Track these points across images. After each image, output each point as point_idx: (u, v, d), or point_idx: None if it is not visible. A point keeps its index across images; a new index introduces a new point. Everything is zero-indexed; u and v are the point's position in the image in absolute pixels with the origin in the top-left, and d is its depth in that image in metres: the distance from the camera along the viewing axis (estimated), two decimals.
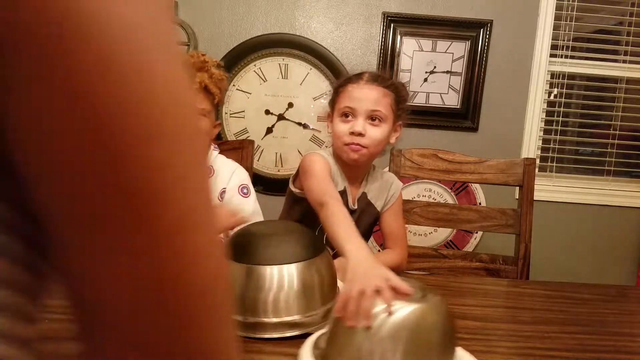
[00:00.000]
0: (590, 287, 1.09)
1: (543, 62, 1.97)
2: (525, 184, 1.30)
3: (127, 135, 0.16)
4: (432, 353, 0.57)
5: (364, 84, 1.02)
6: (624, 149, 2.06)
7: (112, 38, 0.15)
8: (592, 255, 2.08)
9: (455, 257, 1.33)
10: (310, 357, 0.61)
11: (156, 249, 0.17)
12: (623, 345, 0.77)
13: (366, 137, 1.01)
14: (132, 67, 0.15)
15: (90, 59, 0.15)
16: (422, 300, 0.58)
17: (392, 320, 0.56)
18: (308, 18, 1.98)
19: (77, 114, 0.15)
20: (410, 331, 0.56)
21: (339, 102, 1.04)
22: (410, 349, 0.55)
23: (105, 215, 0.16)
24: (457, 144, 1.98)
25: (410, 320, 0.56)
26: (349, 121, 1.02)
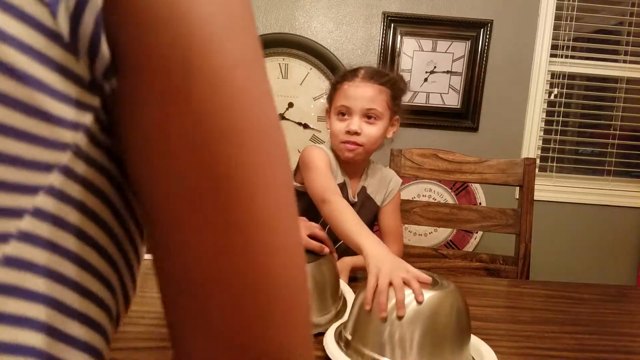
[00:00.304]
0: (590, 287, 1.09)
1: (543, 62, 1.97)
2: (526, 184, 1.30)
3: (228, 143, 0.20)
4: (449, 338, 0.60)
5: (359, 82, 1.02)
6: (624, 149, 2.06)
7: (224, 73, 0.20)
8: (592, 255, 2.08)
9: (455, 257, 1.33)
10: (334, 343, 0.64)
11: (247, 240, 0.20)
12: (623, 345, 0.77)
13: (362, 136, 1.01)
14: (237, 93, 0.20)
15: (205, 86, 0.19)
16: (439, 288, 0.62)
17: (411, 306, 0.60)
18: (308, 18, 1.98)
19: (192, 125, 0.19)
20: (428, 317, 0.59)
21: (336, 100, 1.05)
22: (428, 334, 0.59)
23: (207, 199, 0.20)
24: (457, 144, 1.98)
25: (428, 307, 0.60)
26: (345, 119, 1.03)
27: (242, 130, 0.20)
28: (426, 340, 0.58)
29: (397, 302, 0.60)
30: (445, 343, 0.60)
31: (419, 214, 1.34)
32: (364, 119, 1.02)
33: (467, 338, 0.63)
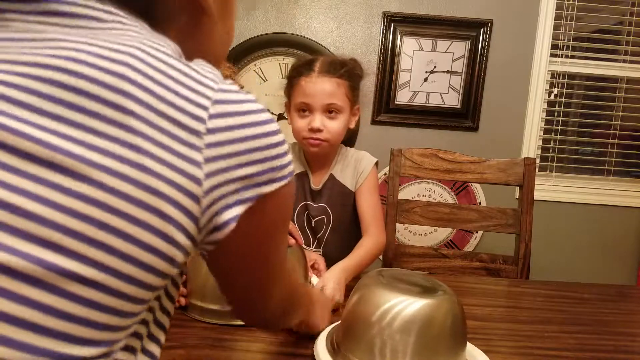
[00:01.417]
0: (590, 287, 1.09)
1: (543, 62, 1.97)
2: (526, 184, 1.30)
3: (263, 276, 0.40)
4: (443, 347, 0.58)
5: (316, 77, 1.00)
6: (624, 149, 2.06)
7: (279, 261, 0.42)
8: (592, 255, 2.08)
9: (455, 256, 1.33)
10: (325, 350, 0.63)
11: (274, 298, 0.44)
12: (623, 345, 0.77)
13: (325, 131, 1.01)
14: (277, 263, 0.41)
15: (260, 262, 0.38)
16: (433, 296, 0.59)
17: (404, 314, 0.57)
18: (308, 18, 1.98)
19: (253, 270, 0.39)
20: (420, 325, 0.57)
21: (294, 96, 1.03)
22: (421, 343, 0.56)
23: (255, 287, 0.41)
24: (457, 144, 1.98)
25: (421, 315, 0.57)
26: (306, 116, 1.02)
27: (274, 265, 0.41)
28: (419, 348, 0.56)
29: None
30: (440, 351, 0.58)
31: (419, 214, 1.34)
32: (325, 114, 1.01)
33: (462, 346, 0.61)
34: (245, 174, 0.29)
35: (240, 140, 0.28)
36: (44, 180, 0.23)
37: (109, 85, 0.25)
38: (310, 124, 1.01)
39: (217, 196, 0.28)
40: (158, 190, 0.25)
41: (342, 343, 0.61)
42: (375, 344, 0.57)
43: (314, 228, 1.11)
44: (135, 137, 0.25)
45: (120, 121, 0.25)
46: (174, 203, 0.26)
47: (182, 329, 0.69)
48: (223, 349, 0.64)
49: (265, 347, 0.66)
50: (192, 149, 0.26)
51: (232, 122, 0.28)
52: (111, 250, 0.24)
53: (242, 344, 0.66)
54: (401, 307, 0.57)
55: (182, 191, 0.26)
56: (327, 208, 1.10)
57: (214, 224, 0.29)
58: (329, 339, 0.65)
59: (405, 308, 0.57)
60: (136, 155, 0.25)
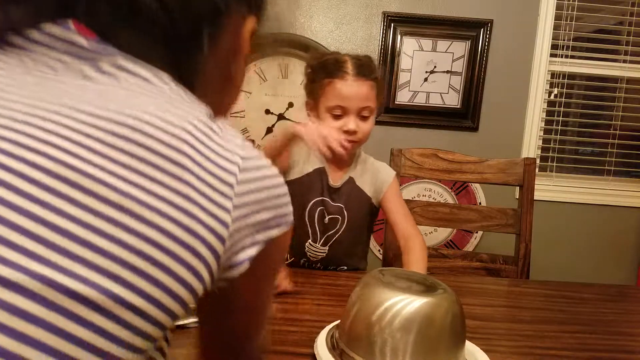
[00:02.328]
0: (590, 287, 1.09)
1: (543, 62, 1.97)
2: (526, 184, 1.30)
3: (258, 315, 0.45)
4: (442, 345, 0.59)
5: (352, 80, 1.00)
6: (624, 148, 2.06)
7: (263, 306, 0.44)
8: (592, 255, 2.08)
9: (455, 256, 1.33)
10: (325, 348, 0.63)
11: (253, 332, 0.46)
12: (623, 345, 0.77)
13: (358, 133, 1.02)
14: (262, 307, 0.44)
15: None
16: (433, 294, 0.60)
17: (404, 312, 0.57)
18: (308, 17, 1.98)
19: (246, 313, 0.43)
20: (420, 324, 0.57)
21: (327, 99, 1.02)
22: (420, 341, 0.57)
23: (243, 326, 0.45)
24: (457, 144, 1.98)
25: (421, 313, 0.58)
26: (339, 118, 1.01)
27: (265, 308, 0.44)
28: (419, 346, 0.57)
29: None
30: (440, 349, 0.59)
31: (419, 214, 1.34)
32: (358, 116, 1.02)
33: (462, 344, 0.62)
34: (260, 220, 0.35)
35: (258, 191, 0.35)
36: (115, 221, 0.27)
37: (170, 145, 0.30)
38: (346, 126, 1.01)
39: (237, 238, 0.33)
40: (197, 233, 0.30)
41: (342, 341, 0.62)
42: (375, 342, 0.57)
43: (326, 225, 1.09)
44: (187, 188, 0.30)
45: (178, 175, 0.30)
46: (207, 244, 0.31)
47: (181, 329, 0.69)
48: None
49: None
50: (225, 198, 0.32)
51: (253, 178, 0.34)
52: (156, 282, 0.28)
53: None
54: (401, 306, 0.58)
55: (213, 233, 0.31)
56: (344, 209, 1.09)
57: (231, 263, 0.34)
58: (329, 337, 0.66)
59: (406, 306, 0.58)
60: (187, 203, 0.30)
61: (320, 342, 0.64)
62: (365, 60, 1.04)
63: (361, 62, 1.03)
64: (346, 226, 1.09)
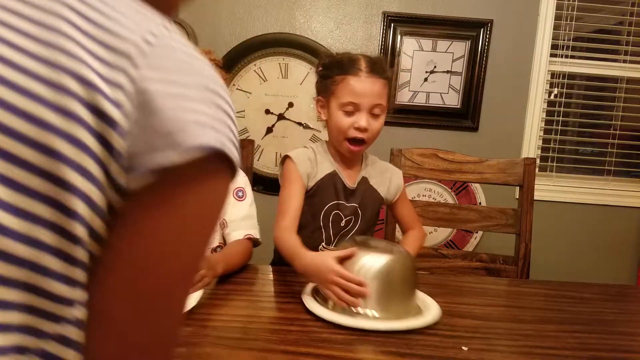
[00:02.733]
0: (590, 287, 1.09)
1: (543, 62, 1.97)
2: (526, 184, 1.31)
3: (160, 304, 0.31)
4: (399, 290, 0.82)
5: (365, 77, 1.00)
6: (624, 148, 2.06)
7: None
8: (592, 255, 2.08)
9: (455, 256, 1.33)
10: (311, 297, 0.83)
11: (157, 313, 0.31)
12: (623, 344, 0.77)
13: (369, 131, 1.02)
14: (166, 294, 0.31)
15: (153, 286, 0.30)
16: (394, 253, 0.83)
17: (375, 265, 0.80)
18: (308, 18, 1.98)
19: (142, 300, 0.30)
20: (384, 275, 0.79)
21: (339, 95, 1.02)
22: (384, 287, 0.79)
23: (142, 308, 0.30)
24: (457, 144, 1.98)
25: (385, 267, 0.80)
26: (351, 114, 1.02)
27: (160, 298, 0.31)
28: (383, 292, 0.79)
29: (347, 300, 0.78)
30: (397, 294, 0.81)
31: (419, 214, 1.34)
32: (369, 114, 1.02)
33: (414, 291, 0.85)
34: (176, 112, 0.28)
35: (178, 72, 0.29)
36: None
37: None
38: (358, 123, 1.01)
39: (140, 123, 0.27)
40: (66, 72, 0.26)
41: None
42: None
43: (342, 227, 1.10)
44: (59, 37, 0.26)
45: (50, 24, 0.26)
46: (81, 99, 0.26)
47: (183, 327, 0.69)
48: (224, 347, 0.65)
49: (266, 345, 0.66)
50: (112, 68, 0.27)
51: (170, 56, 0.29)
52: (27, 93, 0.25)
53: (243, 343, 0.67)
54: (372, 261, 0.80)
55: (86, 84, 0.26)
56: (358, 209, 1.10)
57: (131, 162, 0.27)
58: (313, 290, 0.86)
59: (375, 261, 0.80)
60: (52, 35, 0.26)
61: (307, 293, 0.84)
62: (378, 59, 1.05)
63: (374, 60, 1.04)
64: (359, 225, 1.11)
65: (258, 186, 1.99)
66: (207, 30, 1.97)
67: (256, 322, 0.75)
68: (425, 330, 0.75)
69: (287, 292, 0.88)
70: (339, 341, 0.69)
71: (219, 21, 1.97)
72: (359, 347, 0.68)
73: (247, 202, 1.15)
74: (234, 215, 1.11)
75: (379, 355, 0.65)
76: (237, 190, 1.15)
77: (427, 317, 0.78)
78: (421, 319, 0.77)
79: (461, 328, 0.78)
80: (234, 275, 0.97)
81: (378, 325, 0.74)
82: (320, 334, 0.71)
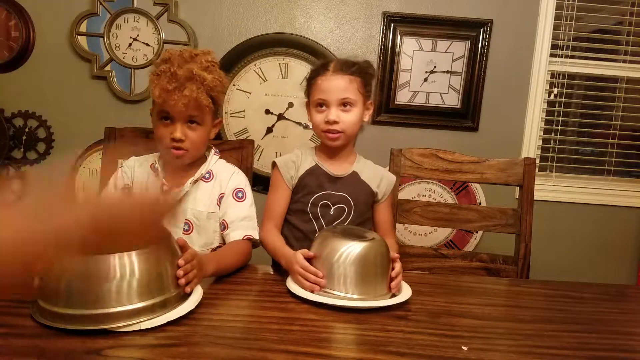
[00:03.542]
0: (590, 287, 1.09)
1: (543, 62, 1.97)
2: (525, 184, 1.31)
3: None
4: (373, 273, 0.88)
5: (330, 75, 1.11)
6: (624, 148, 2.06)
7: None
8: (592, 255, 2.08)
9: (455, 256, 1.33)
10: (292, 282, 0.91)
11: None
12: (622, 344, 0.77)
13: (340, 123, 1.10)
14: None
15: None
16: (368, 240, 0.89)
17: (352, 253, 0.87)
18: (308, 18, 1.98)
19: None
20: (360, 259, 0.87)
21: (312, 94, 1.14)
22: (360, 271, 0.86)
23: None
24: (457, 143, 1.98)
25: (361, 253, 0.87)
26: (323, 111, 1.12)
27: None
28: (359, 275, 0.86)
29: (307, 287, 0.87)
30: (371, 277, 0.88)
31: (419, 214, 1.34)
32: (340, 108, 1.11)
33: (387, 274, 0.90)
34: None
35: None
36: None
37: None
38: (327, 117, 1.10)
39: None
40: None
41: None
42: (334, 273, 0.87)
43: (332, 216, 1.14)
44: None
45: None
46: None
47: (183, 327, 0.69)
48: (224, 347, 0.65)
49: (266, 345, 0.66)
50: None
51: None
52: None
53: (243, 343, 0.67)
54: (350, 248, 0.87)
55: None
56: (349, 198, 1.15)
57: None
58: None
59: (353, 249, 0.87)
60: None
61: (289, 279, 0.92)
62: (346, 59, 1.14)
63: (343, 60, 1.14)
64: (353, 215, 1.15)
65: (258, 186, 1.99)
66: (207, 30, 1.97)
67: (256, 322, 0.75)
68: (425, 330, 0.76)
69: (287, 292, 0.88)
70: (339, 341, 0.70)
71: (219, 21, 1.97)
72: (358, 347, 0.68)
73: (247, 203, 1.14)
74: (233, 216, 1.11)
75: (379, 355, 0.65)
76: (237, 191, 1.14)
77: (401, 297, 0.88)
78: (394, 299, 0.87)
79: (461, 328, 0.78)
80: (234, 275, 0.97)
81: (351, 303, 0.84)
82: (320, 334, 0.71)
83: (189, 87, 1.01)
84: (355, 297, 0.85)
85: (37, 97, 1.99)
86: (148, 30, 1.93)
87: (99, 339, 0.63)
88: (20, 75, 1.98)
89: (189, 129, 1.07)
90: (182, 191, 1.12)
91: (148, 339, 0.65)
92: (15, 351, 0.59)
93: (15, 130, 1.99)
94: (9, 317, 0.69)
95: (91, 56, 1.95)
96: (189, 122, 1.07)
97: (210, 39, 1.97)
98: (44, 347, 0.61)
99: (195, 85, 1.02)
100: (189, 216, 1.11)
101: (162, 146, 1.08)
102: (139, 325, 0.67)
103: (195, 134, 1.08)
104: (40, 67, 1.97)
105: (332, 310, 0.81)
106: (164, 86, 1.01)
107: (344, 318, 0.79)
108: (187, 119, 1.06)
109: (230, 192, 1.13)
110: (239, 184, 1.15)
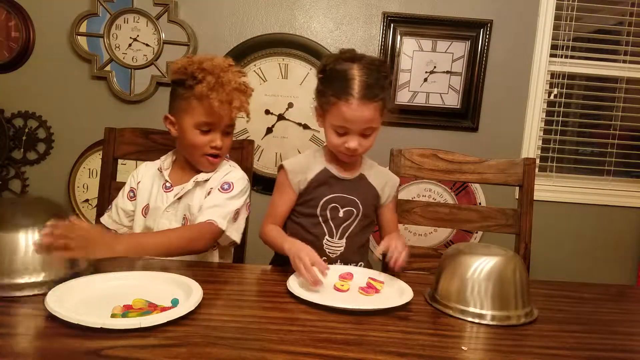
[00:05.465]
0: (590, 287, 1.09)
1: (543, 62, 1.97)
2: (525, 184, 1.31)
3: None
4: (512, 289, 0.83)
5: (356, 104, 1.00)
6: (624, 149, 2.06)
7: None
8: (592, 255, 2.08)
9: None
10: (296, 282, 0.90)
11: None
12: (622, 344, 0.77)
13: (360, 148, 1.06)
14: None
15: None
16: (503, 255, 0.85)
17: (486, 266, 0.83)
18: (308, 18, 1.98)
19: None
20: (497, 273, 0.83)
21: (331, 117, 1.05)
22: (497, 287, 0.82)
23: None
24: (457, 144, 1.98)
25: (497, 267, 0.83)
26: (342, 135, 1.05)
27: None
28: (496, 291, 0.82)
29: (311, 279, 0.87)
30: (510, 291, 0.83)
31: (419, 214, 1.34)
32: (361, 134, 1.05)
33: (527, 291, 0.86)
34: None
35: None
36: None
37: None
38: (348, 144, 1.04)
39: None
40: None
41: (438, 292, 0.87)
42: (466, 289, 0.83)
43: (342, 218, 1.12)
44: None
45: None
46: None
47: (183, 327, 0.69)
48: (224, 347, 0.65)
49: (265, 345, 0.66)
50: None
51: None
52: None
53: (243, 343, 0.67)
54: (484, 264, 0.83)
55: None
56: (358, 202, 1.13)
57: None
58: (429, 292, 0.91)
59: (487, 264, 0.83)
60: None
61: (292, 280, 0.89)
62: (373, 81, 1.02)
63: (368, 83, 1.01)
64: (360, 218, 1.13)
65: (258, 186, 1.99)
66: (207, 31, 1.97)
67: (256, 323, 0.75)
68: (425, 330, 0.76)
69: (286, 292, 0.88)
70: (339, 341, 0.70)
71: (219, 21, 1.97)
72: (358, 347, 0.68)
73: (228, 194, 1.13)
74: (207, 203, 1.12)
75: (379, 355, 0.65)
76: (224, 184, 1.15)
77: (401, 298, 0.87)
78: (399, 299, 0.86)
79: (461, 327, 0.78)
80: (234, 276, 0.97)
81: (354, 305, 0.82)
82: (320, 334, 0.71)
83: (237, 98, 1.07)
84: (489, 313, 0.80)
85: (37, 98, 1.99)
86: (148, 31, 1.94)
87: (98, 339, 0.63)
88: (20, 75, 1.98)
89: (225, 136, 1.13)
90: (183, 189, 1.15)
91: (148, 339, 0.65)
92: (15, 351, 0.59)
93: (15, 130, 1.99)
94: (9, 317, 0.69)
95: (91, 56, 1.95)
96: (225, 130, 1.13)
97: (210, 39, 1.97)
98: (44, 347, 0.61)
99: (243, 96, 1.08)
100: (186, 212, 1.14)
101: (199, 154, 1.13)
102: (139, 325, 0.67)
103: (229, 140, 1.16)
104: (40, 68, 1.98)
105: (332, 311, 0.81)
106: (222, 98, 1.06)
107: (344, 318, 0.79)
108: (225, 128, 1.12)
109: (218, 185, 1.14)
110: (229, 179, 1.16)
